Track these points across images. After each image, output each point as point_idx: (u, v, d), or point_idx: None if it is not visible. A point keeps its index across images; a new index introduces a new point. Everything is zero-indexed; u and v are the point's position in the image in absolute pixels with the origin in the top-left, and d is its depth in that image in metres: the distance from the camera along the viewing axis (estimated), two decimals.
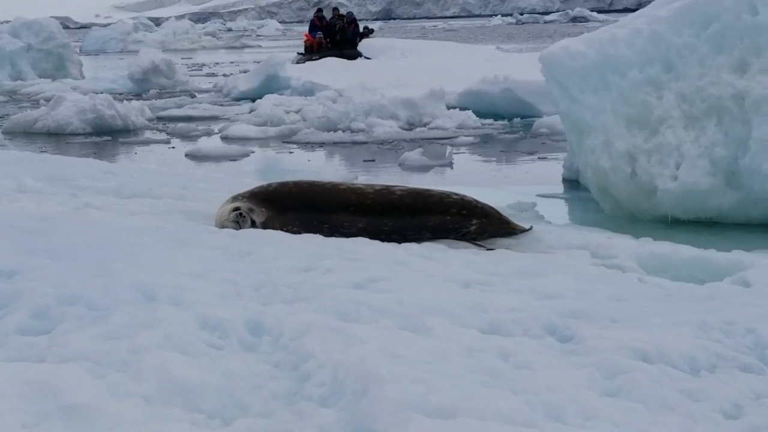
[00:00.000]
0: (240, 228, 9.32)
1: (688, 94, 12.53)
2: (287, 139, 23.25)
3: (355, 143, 22.33)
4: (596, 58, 13.17)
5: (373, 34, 43.11)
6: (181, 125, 25.95)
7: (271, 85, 31.28)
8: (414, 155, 18.97)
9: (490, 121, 24.57)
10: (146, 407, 4.78)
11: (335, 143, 22.34)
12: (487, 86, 25.47)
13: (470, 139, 22.17)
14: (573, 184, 15.94)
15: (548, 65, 13.73)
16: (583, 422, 4.85)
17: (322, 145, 22.38)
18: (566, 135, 15.23)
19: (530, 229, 10.50)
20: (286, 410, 5.05)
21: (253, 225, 9.53)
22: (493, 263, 8.65)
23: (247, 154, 21.07)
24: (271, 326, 5.98)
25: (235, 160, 20.52)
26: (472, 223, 10.10)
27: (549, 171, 18.02)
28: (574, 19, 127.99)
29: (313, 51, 40.06)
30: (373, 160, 20.00)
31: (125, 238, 7.74)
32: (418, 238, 9.87)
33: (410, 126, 23.60)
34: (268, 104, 27.06)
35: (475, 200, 10.33)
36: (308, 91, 30.07)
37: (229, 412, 4.97)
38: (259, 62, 52.40)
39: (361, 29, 42.09)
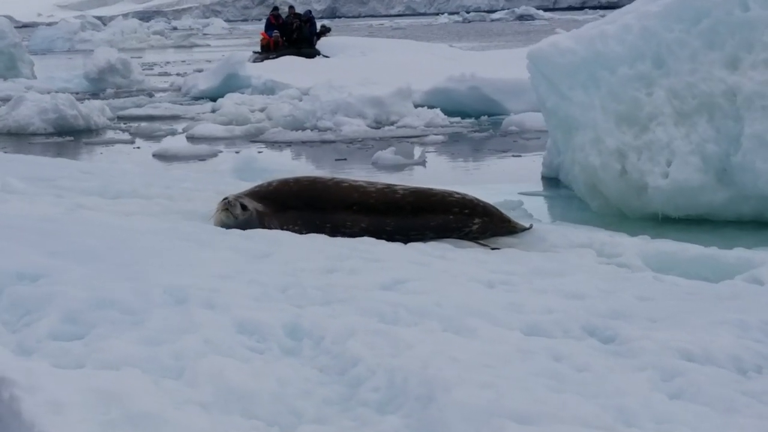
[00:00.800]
0: (233, 216, 9.11)
1: (679, 90, 12.43)
2: (255, 138, 23.00)
3: (324, 142, 22.11)
4: (586, 54, 13.04)
5: (330, 32, 42.83)
6: (143, 125, 25.63)
7: (231, 83, 30.96)
8: (387, 154, 18.79)
9: (457, 119, 24.43)
10: (206, 415, 4.57)
11: (304, 142, 22.11)
12: (453, 84, 25.32)
13: (440, 137, 22.02)
14: (553, 182, 15.84)
15: (536, 61, 13.58)
16: (657, 426, 4.70)
17: (290, 144, 22.15)
18: (549, 132, 15.11)
19: (530, 227, 10.39)
20: (343, 417, 4.87)
21: (244, 209, 9.29)
22: (507, 262, 8.49)
23: (215, 154, 20.81)
24: (310, 329, 5.78)
25: (203, 159, 20.25)
26: (474, 222, 9.97)
27: (526, 169, 17.88)
28: (521, 18, 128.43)
29: (270, 50, 39.72)
30: (345, 159, 19.81)
31: (141, 240, 7.50)
32: (421, 238, 9.71)
33: (378, 124, 23.41)
34: (230, 103, 26.77)
35: (477, 199, 10.20)
36: (270, 89, 29.78)
37: (285, 419, 4.79)
38: (210, 61, 52.24)
39: (317, 28, 41.84)
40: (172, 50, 76.52)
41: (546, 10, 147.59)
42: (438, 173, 18.06)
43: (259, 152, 20.96)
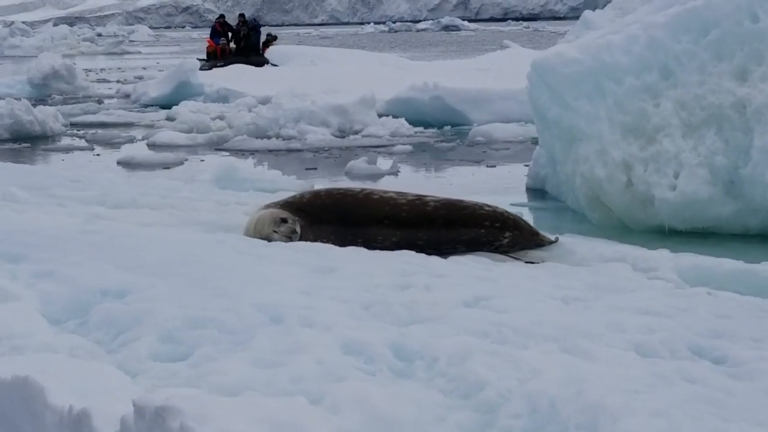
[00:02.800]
0: (289, 238, 8.86)
1: (686, 102, 12.27)
2: (218, 146, 22.59)
3: (290, 151, 21.79)
4: (591, 64, 12.84)
5: (277, 41, 42.42)
6: (100, 132, 25.15)
7: (182, 91, 30.44)
8: (360, 163, 18.54)
9: (420, 129, 24.18)
10: None
11: (270, 150, 21.76)
12: (416, 94, 25.07)
13: (407, 147, 21.74)
14: (539, 193, 15.66)
15: (540, 71, 13.36)
16: None
17: (254, 152, 21.73)
18: (541, 143, 14.88)
19: (556, 240, 10.16)
20: None
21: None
22: (557, 277, 8.25)
23: (181, 162, 20.40)
24: (419, 350, 5.49)
25: (168, 167, 19.83)
26: (505, 236, 9.75)
27: (507, 180, 17.72)
28: (447, 28, 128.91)
29: (216, 57, 39.22)
30: (315, 168, 19.51)
31: (204, 254, 7.20)
32: (452, 252, 9.47)
33: (342, 133, 23.11)
34: (185, 111, 26.39)
35: (507, 212, 9.99)
36: (223, 98, 29.34)
37: None
38: (146, 68, 51.62)
39: (264, 36, 41.41)
40: (102, 57, 75.46)
41: (470, 21, 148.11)
42: (417, 184, 17.74)
43: None
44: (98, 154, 22.03)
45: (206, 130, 24.14)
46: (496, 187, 16.99)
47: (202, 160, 20.86)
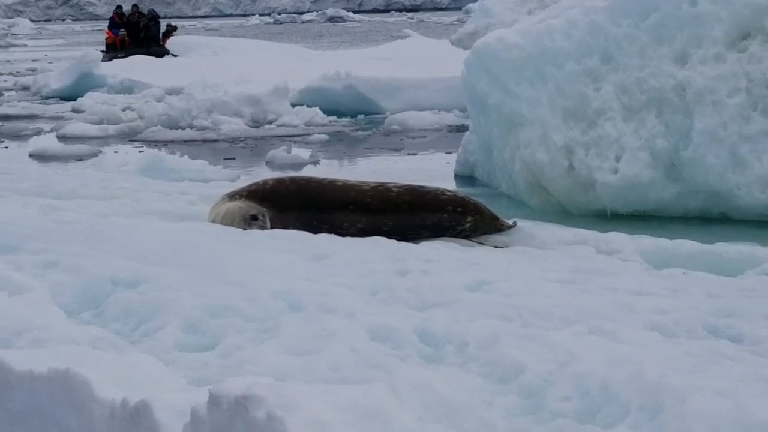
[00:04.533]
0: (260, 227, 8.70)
1: (627, 86, 12.32)
2: (132, 137, 22.19)
3: (205, 141, 21.50)
4: (532, 49, 12.81)
5: (177, 31, 41.84)
6: (6, 125, 24.53)
7: (85, 83, 29.84)
8: (281, 153, 18.41)
9: (333, 118, 24.02)
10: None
11: (185, 141, 21.42)
12: (328, 83, 24.90)
13: (324, 136, 21.56)
14: (468, 180, 15.62)
15: (481, 56, 13.28)
16: None
17: (167, 144, 21.35)
18: (475, 130, 14.81)
19: (515, 224, 10.14)
20: (543, 429, 4.46)
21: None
22: (539, 261, 8.20)
23: (95, 154, 20.02)
24: (445, 335, 5.38)
25: (81, 159, 19.42)
26: (467, 221, 9.72)
27: (432, 167, 17.68)
28: (332, 19, 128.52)
29: (116, 48, 38.56)
30: (234, 158, 19.26)
31: (191, 242, 6.99)
32: (417, 237, 9.39)
33: (255, 123, 22.86)
34: (91, 102, 25.92)
35: (467, 196, 9.94)
36: (127, 89, 28.82)
37: None
38: (36, 60, 50.58)
39: (163, 27, 40.84)
40: None
41: (355, 12, 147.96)
42: (341, 173, 17.67)
43: (140, 152, 20.22)
44: (7, 147, 21.51)
45: (117, 121, 23.71)
46: (423, 175, 16.83)
47: (115, 152, 20.51)
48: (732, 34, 12.12)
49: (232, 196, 9.26)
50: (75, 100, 27.62)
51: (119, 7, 41.72)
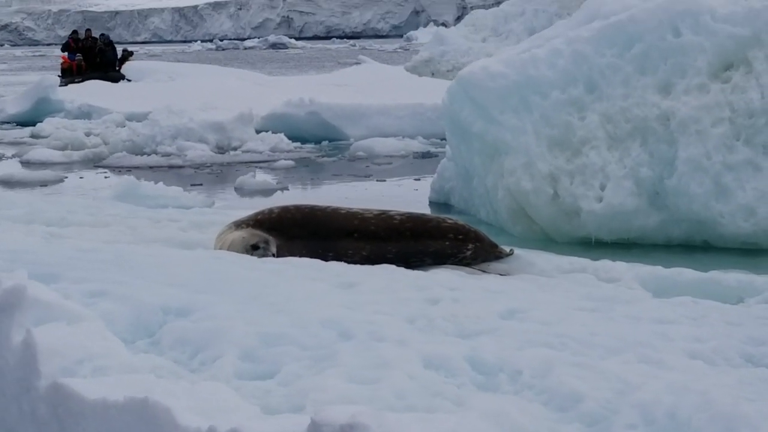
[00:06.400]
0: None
1: (612, 115, 12.46)
2: (97, 163, 22.08)
3: (171, 167, 21.46)
4: (517, 78, 12.91)
5: (133, 56, 41.74)
6: None
7: (42, 108, 29.64)
8: (249, 179, 18.40)
9: (298, 144, 24.05)
10: None
11: (151, 167, 21.36)
12: (292, 109, 24.95)
13: (289, 162, 21.61)
14: (443, 207, 15.67)
15: (465, 85, 13.36)
16: None
17: (130, 170, 21.20)
18: (458, 157, 14.84)
19: (512, 252, 10.22)
20: None
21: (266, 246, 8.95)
22: (553, 290, 8.27)
23: (60, 180, 19.87)
24: (496, 363, 5.43)
25: (45, 185, 19.28)
26: (468, 248, 9.80)
27: (403, 194, 17.75)
28: (274, 46, 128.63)
29: (73, 73, 38.36)
30: (201, 184, 19.20)
31: (224, 270, 6.97)
32: (419, 264, 9.44)
33: (220, 149, 22.85)
34: (51, 128, 25.76)
35: (468, 224, 10.01)
36: (86, 114, 28.68)
37: None
38: None
39: (119, 52, 40.73)
40: None
41: (297, 39, 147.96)
42: (313, 199, 17.64)
43: (106, 177, 20.15)
44: None
45: (81, 147, 23.63)
46: (399, 202, 16.91)
47: (81, 177, 20.36)
48: (715, 64, 12.29)
49: (239, 225, 9.29)
50: (33, 125, 27.46)
51: (75, 32, 41.56)
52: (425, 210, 15.42)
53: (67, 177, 20.28)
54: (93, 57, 39.33)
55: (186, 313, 5.67)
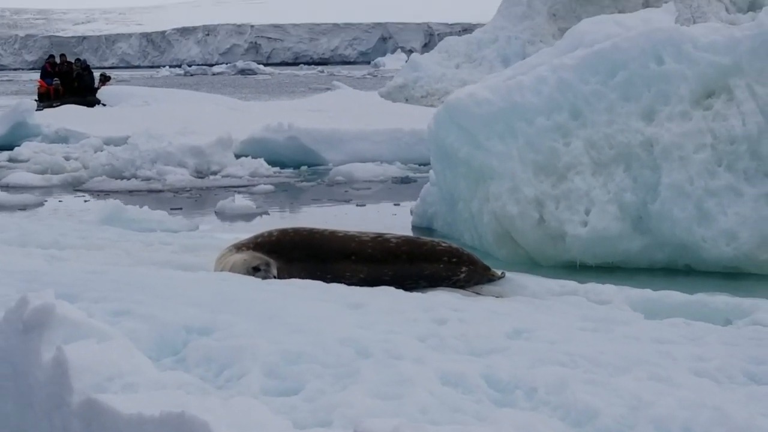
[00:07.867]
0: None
1: (596, 141, 12.68)
2: (77, 187, 22.15)
3: (151, 191, 21.54)
4: (503, 105, 13.14)
5: (111, 81, 41.82)
6: None
7: (19, 132, 29.62)
8: (230, 203, 18.50)
9: (277, 169, 24.20)
10: None
11: (130, 191, 21.44)
12: (271, 134, 25.10)
13: (269, 187, 21.74)
14: (426, 231, 15.81)
15: (452, 111, 13.58)
16: None
17: (109, 194, 21.21)
18: (442, 182, 15.02)
19: (503, 275, 10.38)
20: None
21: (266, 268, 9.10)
22: (549, 312, 8.44)
23: (40, 203, 19.92)
24: (511, 380, 5.58)
25: (24, 209, 19.32)
26: (462, 271, 9.96)
27: (384, 218, 17.89)
28: (242, 71, 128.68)
29: (50, 98, 38.41)
30: (181, 208, 19.29)
31: (233, 292, 7.09)
32: (414, 286, 9.61)
33: (199, 174, 22.96)
34: (29, 152, 25.82)
35: (461, 248, 10.17)
36: (63, 138, 28.73)
37: None
38: None
39: (97, 76, 40.84)
40: None
41: (264, 65, 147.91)
42: (298, 224, 17.74)
43: (86, 201, 20.23)
44: None
45: (61, 171, 23.71)
46: (382, 226, 17.07)
47: (60, 201, 20.43)
48: (697, 92, 12.53)
49: (239, 248, 9.44)
50: (11, 149, 27.45)
51: (51, 56, 41.63)
52: (408, 234, 15.59)
53: (47, 201, 20.37)
54: (71, 81, 39.38)
55: (208, 331, 5.81)
